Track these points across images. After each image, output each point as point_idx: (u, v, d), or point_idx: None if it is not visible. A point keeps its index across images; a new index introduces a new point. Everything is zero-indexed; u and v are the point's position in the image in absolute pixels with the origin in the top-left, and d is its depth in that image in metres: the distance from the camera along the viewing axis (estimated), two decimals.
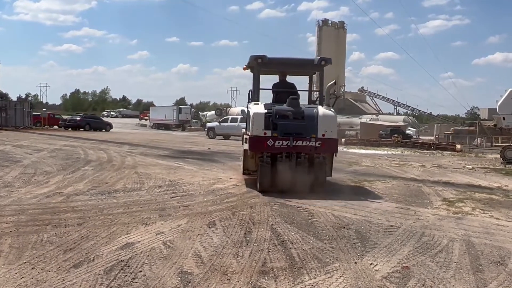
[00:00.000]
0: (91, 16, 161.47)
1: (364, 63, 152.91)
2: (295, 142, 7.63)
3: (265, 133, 7.72)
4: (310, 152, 7.74)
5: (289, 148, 7.66)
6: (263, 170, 7.70)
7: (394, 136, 29.62)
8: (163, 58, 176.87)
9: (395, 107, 72.83)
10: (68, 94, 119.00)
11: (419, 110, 73.50)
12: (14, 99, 67.86)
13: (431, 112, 77.05)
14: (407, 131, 38.99)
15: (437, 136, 39.02)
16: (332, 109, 8.32)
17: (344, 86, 66.87)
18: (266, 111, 7.89)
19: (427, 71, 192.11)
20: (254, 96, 8.80)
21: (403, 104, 72.57)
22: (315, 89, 10.56)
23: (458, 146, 24.84)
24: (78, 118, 38.87)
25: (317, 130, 7.75)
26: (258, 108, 8.12)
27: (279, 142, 7.65)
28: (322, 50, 63.35)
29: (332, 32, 64.66)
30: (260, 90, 8.97)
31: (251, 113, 8.05)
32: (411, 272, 3.90)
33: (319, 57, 8.90)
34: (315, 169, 7.73)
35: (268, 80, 9.54)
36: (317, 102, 9.17)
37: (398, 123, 45.55)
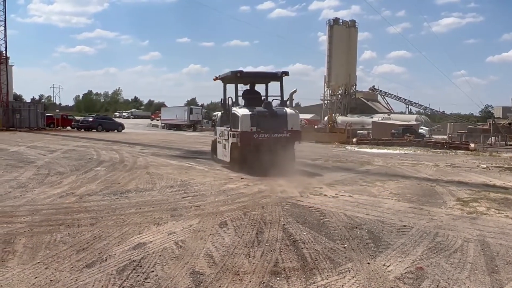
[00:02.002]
0: (104, 17, 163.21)
1: (375, 62, 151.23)
2: (273, 134, 10.13)
3: (251, 129, 10.01)
4: (283, 141, 10.25)
5: (269, 139, 10.12)
6: (251, 156, 9.91)
7: (407, 135, 29.32)
8: (174, 59, 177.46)
9: (407, 106, 71.81)
10: (81, 95, 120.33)
11: (431, 109, 72.39)
12: (28, 100, 69.02)
13: (444, 111, 75.88)
14: (420, 130, 38.51)
15: (450, 135, 38.50)
16: (295, 109, 11.11)
17: (356, 85, 66.33)
18: (250, 112, 10.09)
19: (440, 70, 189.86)
20: (234, 102, 11.04)
21: (415, 103, 71.53)
22: (274, 95, 12.24)
23: (472, 145, 24.46)
24: (91, 119, 39.31)
25: (287, 125, 10.40)
26: (244, 111, 10.25)
27: (262, 135, 10.10)
28: (333, 49, 62.82)
29: (343, 31, 63.97)
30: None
31: (239, 115, 10.12)
32: (425, 273, 3.85)
33: (281, 71, 11.19)
34: (287, 154, 10.27)
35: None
36: (272, 103, 11.08)
37: (410, 122, 45.03)
